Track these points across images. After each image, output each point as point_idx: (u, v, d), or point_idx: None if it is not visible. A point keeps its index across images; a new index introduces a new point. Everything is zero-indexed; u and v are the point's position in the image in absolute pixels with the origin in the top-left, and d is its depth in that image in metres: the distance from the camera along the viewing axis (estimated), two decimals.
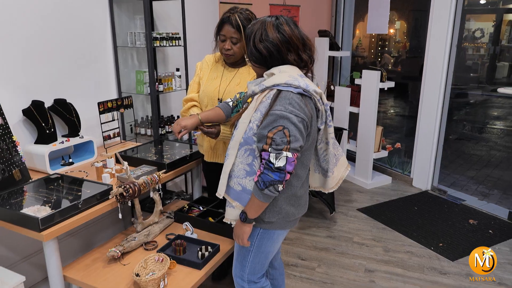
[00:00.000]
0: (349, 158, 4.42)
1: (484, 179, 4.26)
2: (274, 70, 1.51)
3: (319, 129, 1.60)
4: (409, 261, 2.81)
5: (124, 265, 1.89)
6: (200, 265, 1.88)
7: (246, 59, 1.67)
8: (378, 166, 4.46)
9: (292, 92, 1.43)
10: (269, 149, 1.40)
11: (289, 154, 1.40)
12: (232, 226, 1.64)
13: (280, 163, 1.39)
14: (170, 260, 1.83)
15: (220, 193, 1.61)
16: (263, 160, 1.43)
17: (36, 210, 1.75)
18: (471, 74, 4.82)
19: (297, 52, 1.51)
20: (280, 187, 1.43)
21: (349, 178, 4.28)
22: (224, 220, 1.68)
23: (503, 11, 4.23)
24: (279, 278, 1.98)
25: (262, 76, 1.56)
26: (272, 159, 1.40)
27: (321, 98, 1.54)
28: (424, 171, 4.01)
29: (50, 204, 1.82)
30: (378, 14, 4.16)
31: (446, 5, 3.58)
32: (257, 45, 1.50)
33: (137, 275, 1.72)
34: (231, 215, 1.62)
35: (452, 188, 4.00)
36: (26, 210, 1.73)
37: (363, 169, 4.12)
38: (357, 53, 5.37)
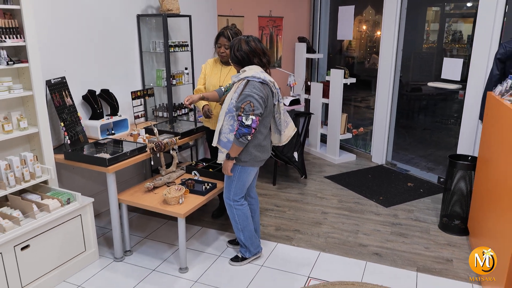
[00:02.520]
0: (322, 140, 5.47)
1: (435, 159, 5.26)
2: (245, 68, 2.57)
3: (274, 104, 2.65)
4: (355, 208, 3.87)
5: (155, 193, 2.95)
6: (204, 193, 2.94)
7: (229, 61, 2.74)
8: (347, 147, 5.50)
9: (255, 81, 2.49)
10: (242, 114, 2.45)
11: (253, 117, 2.45)
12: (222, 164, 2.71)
13: (248, 122, 2.44)
14: (185, 189, 2.89)
15: (214, 143, 2.67)
16: (238, 121, 2.47)
17: (101, 155, 2.81)
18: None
19: (259, 58, 2.57)
20: (249, 137, 2.48)
21: (321, 156, 5.33)
22: (217, 162, 2.75)
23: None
24: (255, 204, 3.04)
25: (239, 72, 2.62)
26: (244, 120, 2.44)
27: (274, 85, 2.60)
28: (379, 149, 5.06)
29: (108, 153, 2.89)
30: (344, 25, 5.22)
31: (391, 19, 4.62)
32: (235, 53, 2.57)
33: (165, 195, 2.78)
34: (221, 157, 2.68)
35: (404, 163, 5.02)
36: (96, 155, 2.80)
37: (332, 148, 5.17)
38: (347, 53, 6.09)
